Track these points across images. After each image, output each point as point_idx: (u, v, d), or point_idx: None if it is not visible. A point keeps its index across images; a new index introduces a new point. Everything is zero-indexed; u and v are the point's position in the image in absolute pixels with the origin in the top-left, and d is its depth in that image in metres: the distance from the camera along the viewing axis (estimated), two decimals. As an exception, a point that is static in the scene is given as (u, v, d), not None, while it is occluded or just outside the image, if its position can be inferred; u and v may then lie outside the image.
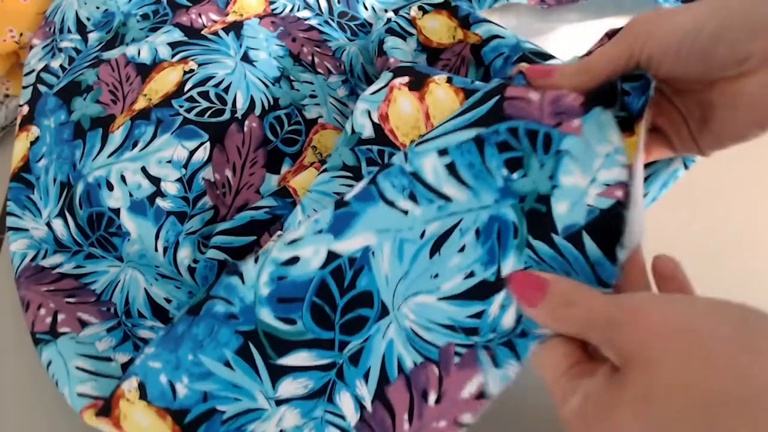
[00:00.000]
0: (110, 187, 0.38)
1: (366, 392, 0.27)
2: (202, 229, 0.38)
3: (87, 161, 0.39)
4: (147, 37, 0.44)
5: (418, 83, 0.36)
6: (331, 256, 0.28)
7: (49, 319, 0.35)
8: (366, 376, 0.28)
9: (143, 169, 0.37)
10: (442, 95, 0.36)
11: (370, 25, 0.51)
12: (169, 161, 0.37)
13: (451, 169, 0.28)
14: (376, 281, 0.28)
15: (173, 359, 0.29)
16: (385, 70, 0.39)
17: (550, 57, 0.40)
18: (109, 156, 0.38)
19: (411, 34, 0.44)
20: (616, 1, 0.55)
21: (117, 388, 0.29)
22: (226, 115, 0.40)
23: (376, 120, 0.36)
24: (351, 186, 0.35)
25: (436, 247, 0.28)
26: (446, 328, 0.27)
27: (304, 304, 0.28)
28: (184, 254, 0.36)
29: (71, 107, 0.41)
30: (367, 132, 0.36)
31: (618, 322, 0.22)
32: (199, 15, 0.45)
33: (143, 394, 0.28)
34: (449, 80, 0.36)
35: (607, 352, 0.23)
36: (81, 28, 0.47)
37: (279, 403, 0.28)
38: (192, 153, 0.38)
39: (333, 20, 0.50)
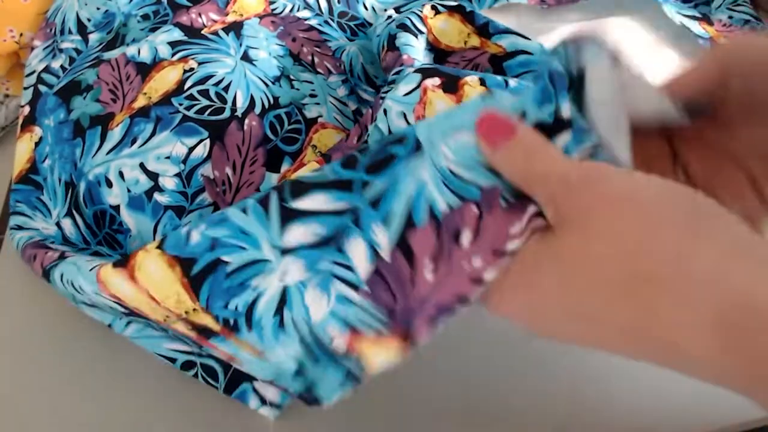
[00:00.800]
0: (109, 184, 0.38)
1: (385, 239, 0.25)
2: None
3: (87, 159, 0.39)
4: (147, 36, 0.44)
5: (451, 85, 0.36)
6: None
7: (57, 254, 0.35)
8: (386, 221, 0.25)
9: (141, 165, 0.37)
10: None
11: (370, 24, 0.51)
12: (168, 157, 0.38)
13: None
14: None
15: (204, 215, 0.28)
16: (398, 66, 0.39)
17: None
18: (107, 153, 0.38)
19: (422, 32, 0.44)
20: (616, 1, 0.55)
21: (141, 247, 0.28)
22: (226, 114, 0.40)
23: (413, 122, 0.35)
24: None
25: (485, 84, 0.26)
26: (493, 172, 0.24)
27: (339, 160, 0.27)
28: None
29: (70, 106, 0.41)
30: None
31: (571, 181, 0.22)
32: (199, 14, 0.45)
33: (161, 245, 0.27)
34: (482, 82, 0.35)
35: (547, 211, 0.22)
36: (82, 29, 0.47)
37: (284, 252, 0.26)
38: (191, 149, 0.38)
39: (333, 20, 0.50)
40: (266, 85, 0.43)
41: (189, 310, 0.27)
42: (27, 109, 0.43)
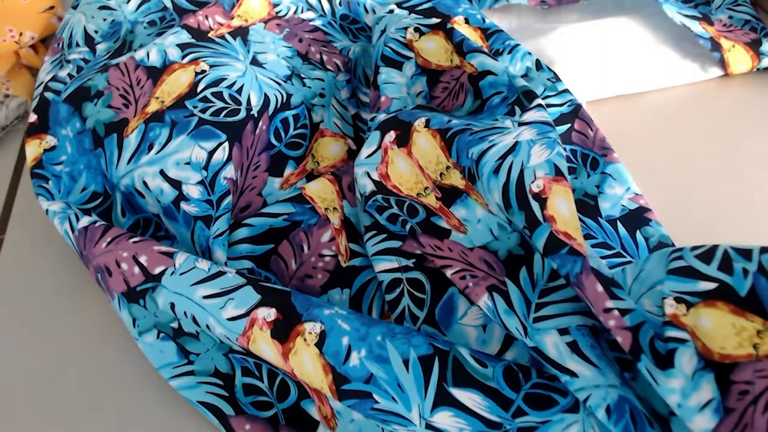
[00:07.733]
0: (141, 195, 0.37)
1: None
2: (227, 232, 0.37)
3: (111, 170, 0.38)
4: (155, 40, 0.43)
5: (404, 137, 0.37)
6: None
7: (136, 269, 0.33)
8: None
9: (162, 173, 0.37)
10: (424, 143, 0.37)
11: (371, 29, 0.51)
12: (188, 163, 0.37)
13: (574, 347, 0.29)
14: None
15: (362, 331, 0.29)
16: (376, 110, 0.40)
17: (536, 96, 0.39)
18: (128, 162, 0.38)
19: (408, 58, 0.43)
20: (616, 1, 0.56)
21: (299, 322, 0.29)
22: (242, 114, 0.39)
23: (376, 178, 0.37)
24: (381, 240, 0.36)
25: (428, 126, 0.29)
26: None
27: (502, 363, 0.30)
28: (218, 257, 0.36)
29: (83, 113, 0.40)
30: (369, 188, 0.37)
31: None
32: (206, 17, 0.45)
33: (320, 343, 0.29)
34: (427, 124, 0.37)
35: None
36: (89, 41, 0.46)
37: (429, 426, 0.28)
38: (211, 154, 0.37)
39: (336, 22, 0.50)
40: (278, 84, 0.43)
41: (328, 396, 0.29)
42: (34, 117, 0.41)
